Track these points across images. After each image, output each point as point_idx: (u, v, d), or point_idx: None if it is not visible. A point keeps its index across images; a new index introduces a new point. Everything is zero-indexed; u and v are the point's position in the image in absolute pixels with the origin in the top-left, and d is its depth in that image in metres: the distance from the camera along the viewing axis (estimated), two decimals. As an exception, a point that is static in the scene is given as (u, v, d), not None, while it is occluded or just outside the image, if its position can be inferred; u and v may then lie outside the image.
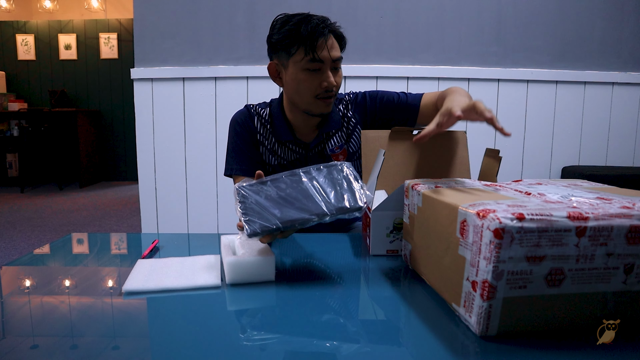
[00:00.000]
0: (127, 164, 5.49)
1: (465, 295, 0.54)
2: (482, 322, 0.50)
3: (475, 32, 2.11)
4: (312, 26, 0.94)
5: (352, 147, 1.13)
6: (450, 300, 0.58)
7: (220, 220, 2.14)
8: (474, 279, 0.51)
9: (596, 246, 0.49)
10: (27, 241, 2.89)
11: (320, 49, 0.95)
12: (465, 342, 0.52)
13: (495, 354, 0.49)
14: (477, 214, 0.50)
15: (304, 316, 0.60)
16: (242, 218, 0.67)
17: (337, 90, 1.02)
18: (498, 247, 0.47)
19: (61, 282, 0.73)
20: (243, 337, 0.54)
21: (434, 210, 0.63)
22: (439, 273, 0.62)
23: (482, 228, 0.49)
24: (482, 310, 0.50)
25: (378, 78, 2.09)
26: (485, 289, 0.49)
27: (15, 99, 5.23)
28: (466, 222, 0.53)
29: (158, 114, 2.11)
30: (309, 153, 1.11)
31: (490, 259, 0.48)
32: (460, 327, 0.55)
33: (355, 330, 0.56)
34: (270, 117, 1.11)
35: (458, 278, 0.55)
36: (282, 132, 1.09)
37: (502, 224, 0.47)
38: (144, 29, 2.08)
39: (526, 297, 0.50)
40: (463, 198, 0.59)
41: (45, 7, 5.38)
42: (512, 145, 2.18)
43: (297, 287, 0.69)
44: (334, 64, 0.98)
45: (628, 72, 2.19)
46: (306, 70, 0.97)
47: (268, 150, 1.12)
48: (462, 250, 0.54)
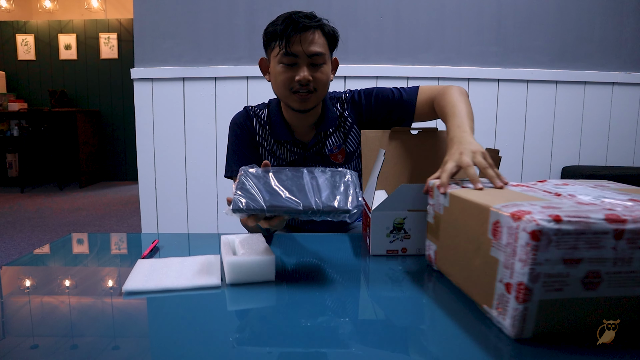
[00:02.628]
0: (127, 164, 5.49)
1: (498, 297, 0.53)
2: (517, 325, 0.50)
3: (475, 32, 2.11)
4: (289, 22, 0.95)
5: (350, 146, 1.13)
6: (480, 301, 0.58)
7: (220, 220, 2.14)
8: (508, 281, 0.51)
9: (634, 249, 0.48)
10: (27, 241, 2.89)
11: (293, 44, 0.95)
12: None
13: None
14: (512, 215, 0.50)
15: (304, 316, 0.60)
16: (233, 193, 0.69)
17: (319, 88, 0.99)
18: (535, 249, 0.47)
19: (61, 282, 0.73)
20: (243, 337, 0.54)
21: (463, 211, 0.63)
22: (467, 274, 0.62)
23: (517, 230, 0.49)
24: (517, 312, 0.50)
25: (378, 78, 2.10)
26: (521, 291, 0.49)
27: (15, 99, 5.23)
28: (499, 224, 0.53)
29: (158, 114, 2.11)
30: (307, 153, 1.11)
31: (527, 261, 0.48)
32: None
33: (355, 330, 0.56)
34: (268, 117, 1.11)
35: (490, 280, 0.55)
36: (281, 132, 1.09)
37: (539, 225, 0.47)
38: (144, 29, 2.08)
39: (562, 300, 0.49)
40: (493, 199, 0.58)
41: (45, 7, 5.37)
42: (512, 145, 2.18)
43: (297, 287, 0.69)
44: (312, 59, 0.97)
45: (628, 72, 2.19)
46: (282, 64, 0.98)
47: (267, 152, 1.12)
48: (495, 251, 0.53)
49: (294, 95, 0.99)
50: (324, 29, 0.99)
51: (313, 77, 0.97)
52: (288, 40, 0.95)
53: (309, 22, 0.95)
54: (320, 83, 0.99)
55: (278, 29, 0.96)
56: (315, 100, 1.01)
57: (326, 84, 1.01)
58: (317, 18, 0.98)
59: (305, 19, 0.95)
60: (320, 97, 1.02)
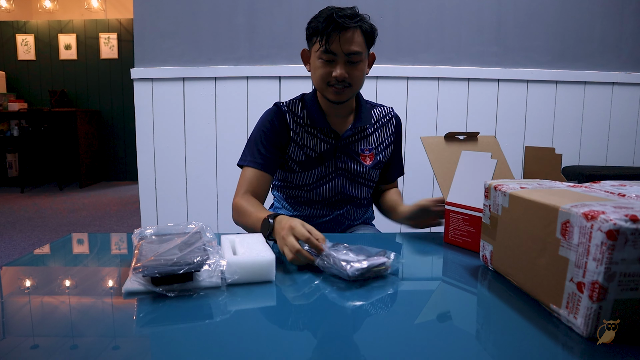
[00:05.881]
0: (127, 164, 5.49)
1: (568, 297, 0.53)
2: (590, 324, 0.50)
3: (475, 32, 2.11)
4: (330, 20, 0.99)
5: (380, 156, 1.19)
6: (547, 301, 0.58)
7: (220, 220, 2.14)
8: (580, 280, 0.51)
9: None
10: (27, 241, 2.89)
11: (332, 42, 1.00)
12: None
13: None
14: (585, 215, 0.50)
15: (304, 316, 0.60)
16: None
17: (354, 83, 1.05)
18: (611, 249, 0.48)
19: (61, 282, 0.73)
20: (243, 337, 0.54)
21: (526, 211, 0.63)
22: (531, 274, 0.62)
23: (591, 229, 0.49)
24: (591, 311, 0.50)
25: (378, 78, 2.10)
26: (595, 290, 0.49)
27: (15, 99, 5.23)
28: (569, 223, 0.53)
29: (158, 114, 2.11)
30: (339, 143, 1.13)
31: (602, 260, 0.48)
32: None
33: (355, 330, 0.56)
34: (304, 107, 1.15)
35: (558, 279, 0.55)
36: (318, 119, 1.12)
37: (616, 225, 0.47)
38: (144, 29, 2.08)
39: (637, 300, 0.49)
40: (559, 199, 0.58)
41: (45, 7, 5.37)
42: (512, 145, 2.18)
43: (297, 287, 0.69)
44: (349, 57, 1.02)
45: (628, 72, 2.19)
46: (321, 59, 1.03)
47: (299, 146, 1.13)
48: (564, 251, 0.54)
49: (330, 88, 1.05)
50: (362, 27, 1.02)
51: (349, 74, 1.03)
52: (328, 39, 1.00)
53: (349, 23, 0.99)
54: (356, 79, 1.05)
55: (320, 26, 1.00)
56: (349, 93, 1.07)
57: (361, 79, 1.07)
58: (357, 17, 1.01)
59: (346, 19, 0.99)
60: (355, 91, 1.08)
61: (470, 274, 0.76)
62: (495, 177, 0.95)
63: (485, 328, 0.58)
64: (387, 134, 1.20)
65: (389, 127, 1.21)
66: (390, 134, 1.21)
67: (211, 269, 0.66)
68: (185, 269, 0.63)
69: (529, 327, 0.56)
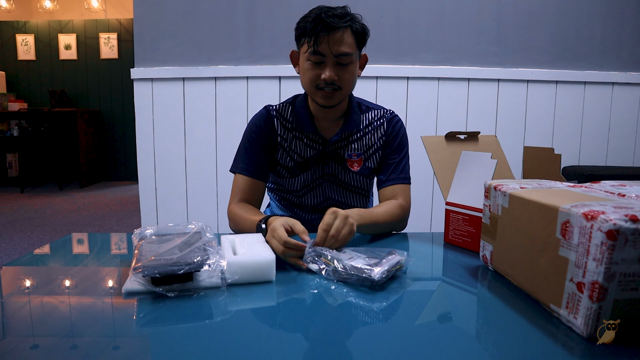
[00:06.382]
0: (127, 164, 5.49)
1: (568, 297, 0.54)
2: (590, 324, 0.50)
3: (475, 32, 2.11)
4: (318, 20, 0.95)
5: (369, 162, 1.14)
6: (547, 301, 0.58)
7: (220, 220, 2.14)
8: (580, 280, 0.51)
9: None
10: (27, 241, 2.89)
11: (321, 43, 0.96)
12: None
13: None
14: (585, 215, 0.51)
15: (304, 316, 0.60)
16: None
17: (344, 86, 1.01)
18: (611, 249, 0.48)
19: (61, 282, 0.72)
20: (243, 337, 0.54)
21: (526, 211, 0.63)
22: (531, 274, 0.62)
23: (591, 229, 0.49)
24: (591, 311, 0.50)
25: (378, 78, 2.10)
26: (595, 290, 0.49)
27: (15, 99, 5.23)
28: (569, 223, 0.53)
29: (158, 114, 2.11)
30: (327, 148, 1.10)
31: (602, 260, 0.48)
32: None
33: (356, 331, 0.56)
34: (293, 111, 1.11)
35: (558, 279, 0.55)
36: (305, 123, 1.09)
37: (616, 225, 0.47)
38: (144, 29, 2.08)
39: (637, 300, 0.50)
40: (559, 199, 0.58)
41: (45, 7, 5.37)
42: (512, 145, 2.18)
43: (297, 287, 0.69)
44: (339, 59, 0.98)
45: (628, 72, 2.19)
46: (309, 61, 1.00)
47: (286, 152, 1.11)
48: (564, 251, 0.54)
49: (319, 91, 1.01)
50: (353, 27, 0.99)
51: (338, 76, 0.99)
52: (316, 40, 0.96)
53: (338, 22, 0.95)
54: (345, 81, 1.01)
55: (308, 26, 0.96)
56: (339, 97, 1.03)
57: (351, 82, 1.03)
58: (347, 17, 0.97)
59: (335, 18, 0.95)
60: (345, 94, 1.04)
61: (470, 274, 0.76)
62: (496, 177, 0.95)
63: (485, 328, 0.58)
64: (375, 138, 1.14)
65: (379, 131, 1.14)
66: (379, 138, 1.14)
67: (211, 269, 0.66)
68: (185, 269, 0.63)
69: (529, 327, 0.56)
